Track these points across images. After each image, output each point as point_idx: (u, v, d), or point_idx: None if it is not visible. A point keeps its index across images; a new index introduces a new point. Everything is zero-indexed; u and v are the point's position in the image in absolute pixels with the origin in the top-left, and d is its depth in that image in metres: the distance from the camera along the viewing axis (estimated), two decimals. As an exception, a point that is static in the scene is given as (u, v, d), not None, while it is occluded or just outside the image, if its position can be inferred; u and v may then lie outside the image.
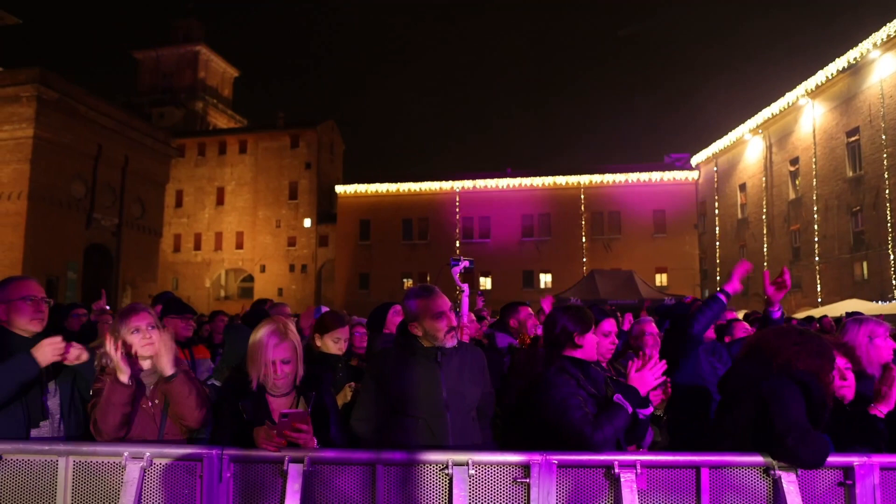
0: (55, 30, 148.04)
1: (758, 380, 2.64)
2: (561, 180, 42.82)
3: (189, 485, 2.51)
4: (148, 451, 2.51)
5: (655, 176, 41.92)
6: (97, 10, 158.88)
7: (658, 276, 40.08)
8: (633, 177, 42.12)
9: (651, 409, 2.94)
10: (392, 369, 2.95)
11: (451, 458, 2.47)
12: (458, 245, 42.60)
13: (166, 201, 44.28)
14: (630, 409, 2.72)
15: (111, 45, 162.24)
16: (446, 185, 43.90)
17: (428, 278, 42.00)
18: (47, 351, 2.68)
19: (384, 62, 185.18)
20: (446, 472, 2.45)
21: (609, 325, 3.50)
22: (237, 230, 51.86)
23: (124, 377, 2.65)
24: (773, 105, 32.79)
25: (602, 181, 42.45)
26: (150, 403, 2.78)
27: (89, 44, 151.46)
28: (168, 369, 2.71)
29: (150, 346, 2.77)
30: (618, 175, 42.34)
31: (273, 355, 2.71)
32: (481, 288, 39.08)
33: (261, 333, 2.77)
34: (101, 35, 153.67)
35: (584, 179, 42.63)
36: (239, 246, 51.65)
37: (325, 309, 7.96)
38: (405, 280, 43.55)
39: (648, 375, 2.82)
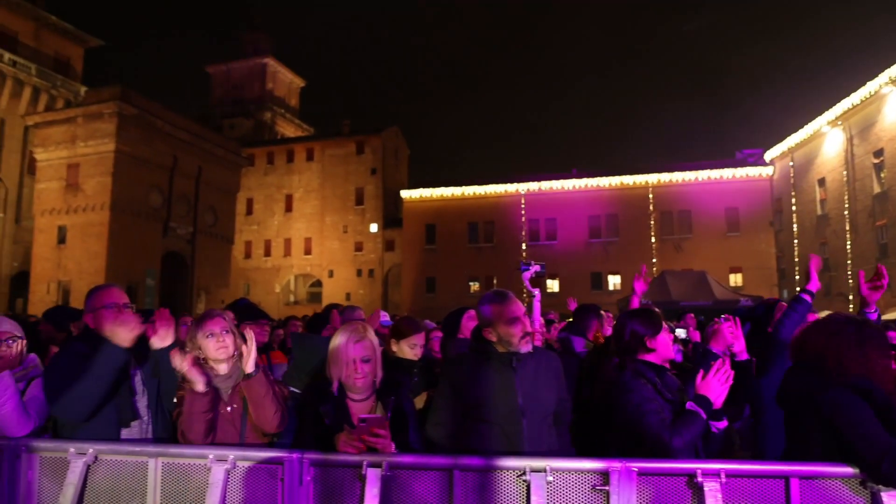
0: (134, 49, 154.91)
1: (812, 392, 2.41)
2: (628, 180, 41.98)
3: (271, 487, 2.55)
4: (232, 454, 2.56)
5: (727, 173, 40.59)
6: (173, 29, 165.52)
7: (732, 277, 38.79)
8: (703, 174, 40.89)
9: (725, 422, 2.80)
10: (467, 375, 2.94)
11: (528, 464, 2.43)
12: (524, 248, 42.33)
13: (237, 209, 45.62)
14: (705, 416, 2.63)
15: (185, 61, 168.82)
16: (511, 188, 43.61)
17: (494, 281, 41.86)
18: (119, 332, 2.76)
19: (446, 66, 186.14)
20: (524, 478, 2.42)
21: None
22: (305, 236, 52.92)
23: (200, 386, 2.73)
24: (852, 95, 31.27)
25: (671, 180, 41.39)
26: (228, 409, 2.84)
27: (165, 61, 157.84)
28: (249, 367, 2.77)
29: (223, 349, 2.85)
30: (687, 173, 41.17)
31: (353, 353, 2.74)
32: (548, 290, 38.67)
33: (340, 334, 2.81)
34: (176, 52, 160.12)
35: (653, 178, 41.65)
36: (307, 252, 52.71)
37: (383, 313, 8.00)
38: (471, 283, 43.52)
39: (715, 383, 2.68)
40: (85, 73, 42.10)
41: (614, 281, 41.23)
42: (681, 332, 4.95)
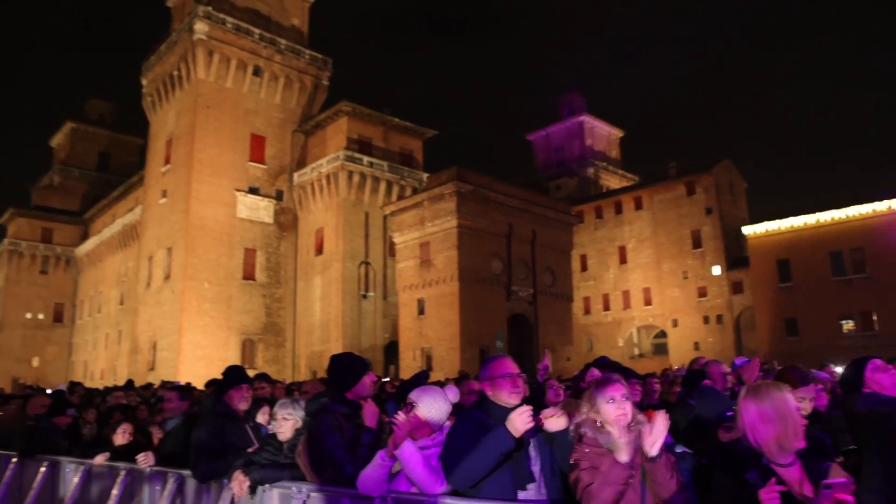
0: (460, 129, 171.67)
1: None
2: None
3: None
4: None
5: None
6: (492, 107, 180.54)
7: None
8: None
9: None
10: None
11: None
12: (908, 273, 35.89)
13: (572, 266, 46.78)
14: None
15: (507, 134, 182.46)
16: (881, 206, 37.27)
17: (874, 318, 36.05)
18: (516, 421, 2.89)
19: (768, 84, 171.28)
20: None
21: None
22: (643, 286, 52.06)
23: (625, 457, 2.67)
24: None
25: None
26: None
27: (489, 135, 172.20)
28: (655, 450, 2.64)
29: (623, 416, 2.77)
30: None
31: (798, 414, 2.52)
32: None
33: (783, 392, 2.57)
34: (499, 127, 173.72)
35: None
36: (647, 302, 51.68)
37: (739, 359, 7.17)
38: (843, 322, 38.01)
39: None
40: (424, 160, 48.02)
41: None
42: None
